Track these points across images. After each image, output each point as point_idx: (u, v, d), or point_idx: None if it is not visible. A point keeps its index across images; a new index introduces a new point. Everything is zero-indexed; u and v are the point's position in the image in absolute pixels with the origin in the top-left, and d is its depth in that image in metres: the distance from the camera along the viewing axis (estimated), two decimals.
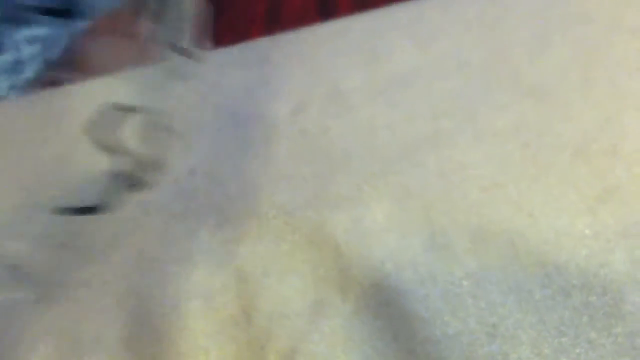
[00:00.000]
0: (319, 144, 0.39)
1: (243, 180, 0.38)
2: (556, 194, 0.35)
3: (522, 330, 0.32)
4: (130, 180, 0.32)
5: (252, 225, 0.37)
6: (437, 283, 0.34)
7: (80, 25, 0.65)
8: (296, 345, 0.34)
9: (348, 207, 0.37)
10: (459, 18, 0.43)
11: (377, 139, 0.39)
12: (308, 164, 0.39)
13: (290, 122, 0.40)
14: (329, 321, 0.34)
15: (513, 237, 0.34)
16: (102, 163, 0.31)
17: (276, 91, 0.42)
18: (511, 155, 0.37)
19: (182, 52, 0.33)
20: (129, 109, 0.32)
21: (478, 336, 0.32)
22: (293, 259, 0.36)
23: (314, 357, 0.33)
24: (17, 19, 0.63)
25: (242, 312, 0.35)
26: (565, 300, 0.32)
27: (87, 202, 0.31)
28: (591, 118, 0.37)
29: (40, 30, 0.63)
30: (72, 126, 0.34)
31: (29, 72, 0.60)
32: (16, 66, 0.61)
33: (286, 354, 0.33)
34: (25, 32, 0.63)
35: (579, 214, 0.34)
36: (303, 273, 0.35)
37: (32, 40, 0.62)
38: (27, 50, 0.62)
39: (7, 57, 0.62)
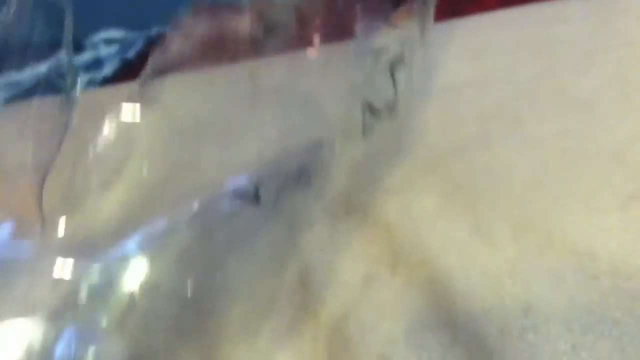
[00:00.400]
0: (377, 138, 0.43)
1: None
2: (592, 193, 0.39)
3: (553, 308, 0.35)
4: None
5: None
6: (478, 265, 0.37)
7: (157, 28, 0.70)
8: (348, 312, 0.37)
9: (400, 195, 0.41)
10: (511, 36, 0.47)
11: (429, 137, 0.43)
12: (366, 156, 0.43)
13: None
14: (379, 293, 0.38)
15: (550, 228, 0.38)
16: None
17: None
18: (553, 158, 0.41)
19: None
20: None
21: (512, 311, 0.35)
22: (347, 237, 0.40)
23: (362, 323, 0.37)
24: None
25: (300, 281, 0.38)
26: (594, 284, 0.35)
27: None
28: (627, 129, 0.41)
29: (117, 32, 0.67)
30: None
31: (106, 70, 0.65)
32: (95, 64, 0.65)
33: (338, 319, 0.37)
34: (103, 34, 0.67)
35: (612, 210, 0.38)
36: (356, 250, 0.39)
37: (109, 41, 0.67)
38: (105, 50, 0.67)
39: (87, 56, 0.66)
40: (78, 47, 0.67)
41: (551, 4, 0.48)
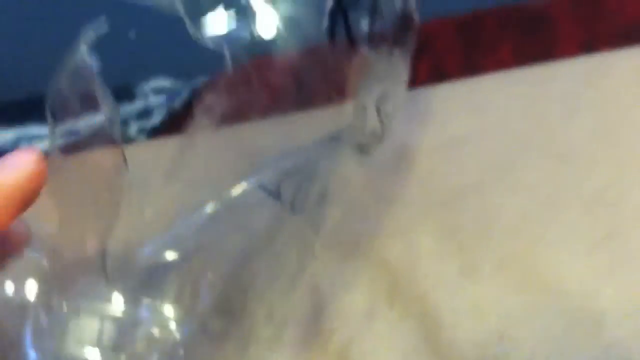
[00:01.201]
0: (385, 185, 0.49)
1: None
2: (564, 238, 0.44)
3: (525, 337, 0.41)
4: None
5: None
6: (464, 299, 0.43)
7: (202, 79, 0.76)
8: (352, 340, 0.43)
9: (401, 237, 0.47)
10: (507, 94, 0.53)
11: (431, 183, 0.49)
12: (375, 201, 0.49)
13: None
14: (379, 325, 0.44)
15: (527, 268, 0.44)
16: None
17: None
18: (535, 203, 0.46)
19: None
20: None
21: (489, 340, 0.41)
22: (354, 274, 0.46)
23: (364, 350, 0.43)
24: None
25: (312, 310, 0.45)
26: (562, 316, 0.41)
27: None
28: (600, 179, 0.46)
29: (165, 82, 0.73)
30: None
31: (155, 119, 0.70)
32: (144, 113, 0.71)
33: (344, 345, 0.43)
34: (153, 84, 0.73)
35: (581, 254, 0.44)
36: (361, 285, 0.45)
37: (158, 91, 0.72)
38: (154, 100, 0.72)
39: (137, 105, 0.72)
40: (129, 96, 0.72)
41: (544, 65, 0.53)
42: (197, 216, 0.40)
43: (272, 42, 0.38)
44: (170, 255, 0.38)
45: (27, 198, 0.30)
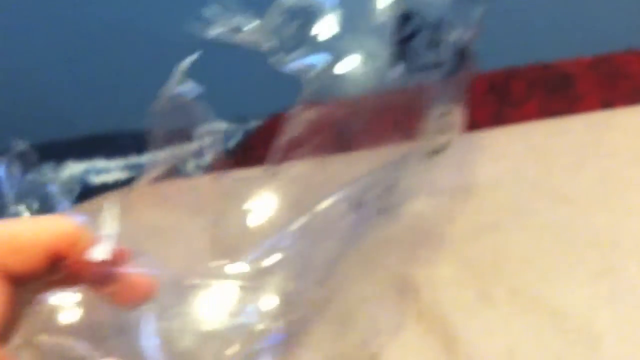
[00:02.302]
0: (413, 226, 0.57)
1: None
2: (570, 269, 0.52)
3: (532, 352, 0.48)
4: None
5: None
6: (479, 320, 0.50)
7: (253, 122, 0.83)
8: (381, 350, 0.50)
9: (427, 266, 0.54)
10: (522, 144, 0.60)
11: (454, 223, 0.56)
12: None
13: None
14: (406, 336, 0.51)
15: (536, 294, 0.51)
16: None
17: None
18: (544, 241, 0.54)
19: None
20: None
21: (500, 355, 0.48)
22: (385, 295, 0.53)
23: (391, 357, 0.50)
24: None
25: (342, 325, 0.52)
26: (564, 336, 0.48)
27: None
28: (602, 221, 0.53)
29: (219, 124, 0.80)
30: None
31: (208, 157, 0.77)
32: (200, 152, 0.78)
33: (373, 355, 0.50)
34: (207, 126, 0.80)
35: (584, 283, 0.51)
36: (391, 303, 0.52)
37: (212, 133, 0.79)
38: (208, 140, 0.79)
39: (194, 145, 0.79)
40: (189, 137, 0.79)
41: (557, 119, 0.61)
42: (294, 227, 0.47)
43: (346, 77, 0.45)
44: (273, 260, 0.45)
45: (52, 255, 0.31)
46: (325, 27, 0.46)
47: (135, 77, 0.84)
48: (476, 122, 0.64)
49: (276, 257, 0.45)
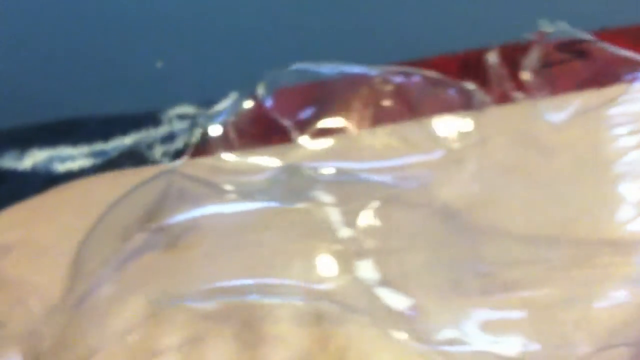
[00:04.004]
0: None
1: None
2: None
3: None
4: None
5: None
6: (449, 310, 0.49)
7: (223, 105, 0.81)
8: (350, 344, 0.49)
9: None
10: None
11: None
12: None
13: None
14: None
15: (507, 281, 0.49)
16: None
17: None
18: (519, 226, 0.52)
19: None
20: None
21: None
22: None
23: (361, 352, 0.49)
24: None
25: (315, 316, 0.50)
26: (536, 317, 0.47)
27: None
28: (577, 206, 0.52)
29: (189, 107, 0.78)
30: None
31: (178, 144, 0.75)
32: (168, 138, 0.75)
33: (343, 346, 0.49)
34: (178, 109, 0.78)
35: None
36: None
37: (182, 117, 0.77)
38: (178, 125, 0.77)
39: (162, 130, 0.77)
40: (156, 122, 0.77)
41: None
42: None
43: None
44: None
45: None
46: None
47: (100, 60, 0.82)
48: None
49: None
